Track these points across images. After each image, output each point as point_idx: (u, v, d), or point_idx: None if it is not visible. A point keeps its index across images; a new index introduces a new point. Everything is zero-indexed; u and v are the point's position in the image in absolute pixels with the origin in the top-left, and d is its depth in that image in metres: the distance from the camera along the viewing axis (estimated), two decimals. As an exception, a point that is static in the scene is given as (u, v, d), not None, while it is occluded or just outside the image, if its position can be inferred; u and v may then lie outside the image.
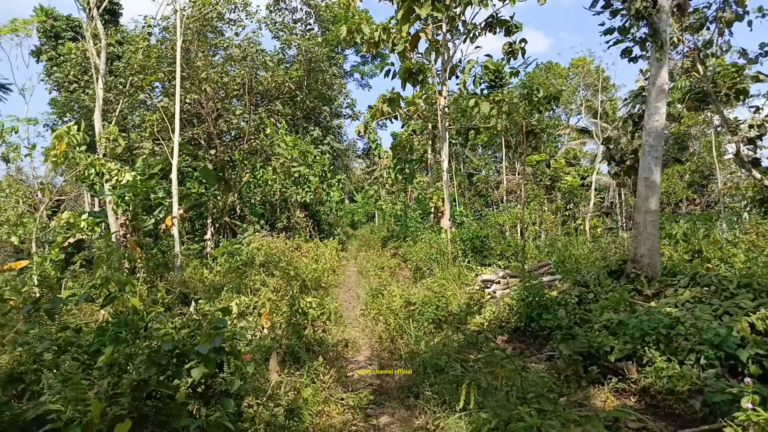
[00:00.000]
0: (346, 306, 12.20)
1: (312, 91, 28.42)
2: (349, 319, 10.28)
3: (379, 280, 12.52)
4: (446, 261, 13.70)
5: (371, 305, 9.69)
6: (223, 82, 17.25)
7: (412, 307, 8.14)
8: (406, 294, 9.22)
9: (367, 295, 11.50)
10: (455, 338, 6.52)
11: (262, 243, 12.92)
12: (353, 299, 12.98)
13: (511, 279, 10.19)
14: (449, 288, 10.89)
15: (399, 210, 31.50)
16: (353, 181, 52.42)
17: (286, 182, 19.81)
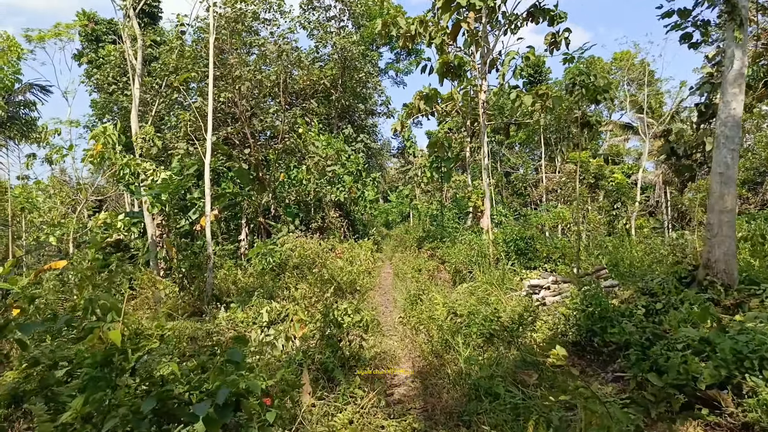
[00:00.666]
0: (383, 310, 11.61)
1: (347, 90, 27.97)
2: (387, 326, 9.69)
3: (416, 284, 11.87)
4: (488, 264, 12.96)
5: (410, 312, 9.04)
6: (257, 80, 16.91)
7: (459, 319, 7.42)
8: (449, 302, 8.53)
9: (405, 300, 10.87)
10: (510, 355, 5.81)
11: (295, 244, 12.45)
12: (389, 303, 12.38)
13: (563, 285, 9.39)
14: (493, 293, 10.17)
15: (434, 210, 30.77)
16: (387, 180, 51.89)
17: (321, 181, 19.38)
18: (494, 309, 7.53)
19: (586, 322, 6.27)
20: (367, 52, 28.67)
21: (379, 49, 35.20)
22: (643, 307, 6.53)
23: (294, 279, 11.08)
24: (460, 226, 20.96)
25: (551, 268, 12.48)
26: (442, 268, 14.16)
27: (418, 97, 16.23)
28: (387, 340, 8.07)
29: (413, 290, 11.48)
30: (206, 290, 11.55)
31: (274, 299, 9.36)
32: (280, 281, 10.58)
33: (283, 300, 10.45)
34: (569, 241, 13.31)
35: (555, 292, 9.20)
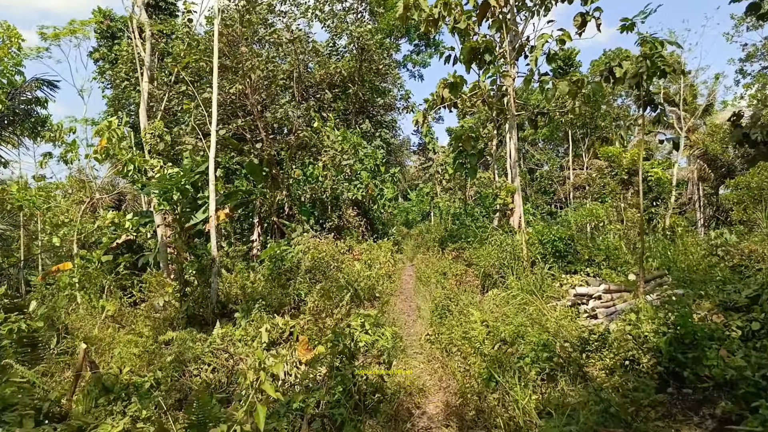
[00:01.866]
0: (405, 320, 10.36)
1: (365, 83, 26.75)
2: (410, 339, 8.45)
3: (443, 291, 10.61)
4: (522, 267, 11.64)
5: (438, 328, 7.76)
6: (269, 71, 15.78)
7: (505, 345, 6.07)
8: (488, 318, 7.21)
9: (431, 311, 9.63)
10: (582, 399, 4.49)
11: (308, 245, 11.28)
12: (412, 311, 11.13)
13: (617, 295, 8.04)
14: (533, 303, 8.87)
15: (457, 208, 29.37)
16: (407, 178, 50.60)
17: (338, 178, 18.20)
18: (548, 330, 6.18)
19: (667, 347, 4.95)
20: (385, 42, 27.38)
21: (398, 40, 33.93)
22: (738, 329, 5.19)
23: (306, 285, 9.91)
24: (488, 226, 19.59)
25: (594, 272, 11.10)
26: (469, 271, 12.85)
27: (443, 85, 14.94)
28: (411, 360, 6.83)
29: (439, 297, 10.23)
30: (210, 296, 10.46)
31: (281, 310, 8.20)
32: (291, 287, 9.42)
33: (292, 309, 9.29)
34: (614, 241, 11.90)
35: (608, 304, 7.85)
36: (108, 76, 28.76)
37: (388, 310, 10.43)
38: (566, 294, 10.00)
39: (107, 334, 10.85)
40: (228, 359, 5.95)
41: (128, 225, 18.77)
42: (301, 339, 5.69)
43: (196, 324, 10.28)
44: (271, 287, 9.59)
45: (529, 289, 10.06)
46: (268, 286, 9.70)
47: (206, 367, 6.00)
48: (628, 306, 7.21)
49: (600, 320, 7.47)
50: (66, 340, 11.03)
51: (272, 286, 9.64)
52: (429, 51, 36.58)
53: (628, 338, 5.34)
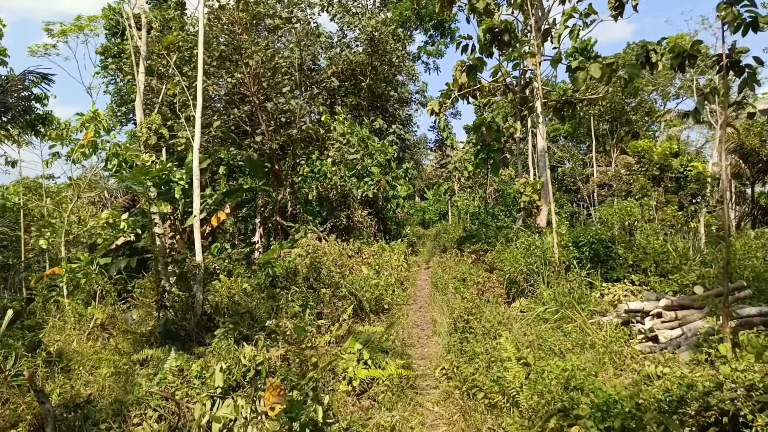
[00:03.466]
0: (418, 336, 8.84)
1: (377, 75, 25.26)
2: (423, 365, 6.95)
3: (462, 303, 9.08)
4: (554, 273, 10.07)
5: (458, 356, 6.18)
6: (269, 57, 14.36)
7: (550, 394, 4.43)
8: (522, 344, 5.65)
9: (448, 327, 8.12)
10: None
11: (307, 248, 9.83)
12: (427, 324, 9.60)
13: (682, 312, 6.43)
14: (575, 319, 7.32)
15: (476, 207, 27.76)
16: (424, 177, 49.02)
17: (346, 174, 16.75)
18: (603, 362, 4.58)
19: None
20: (398, 31, 25.83)
21: (411, 31, 32.39)
22: None
23: (302, 295, 8.47)
24: (512, 226, 18.02)
25: (640, 280, 9.46)
26: (491, 277, 11.28)
27: (460, 68, 13.37)
28: (422, 397, 5.32)
29: (458, 310, 8.71)
30: (195, 308, 9.06)
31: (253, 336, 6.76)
32: (282, 299, 7.99)
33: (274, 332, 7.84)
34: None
35: (671, 324, 6.25)
36: (111, 71, 27.77)
37: (397, 325, 8.93)
38: (609, 307, 8.41)
39: (87, 347, 9.55)
40: (177, 405, 4.55)
41: (123, 225, 17.57)
42: (270, 383, 4.24)
43: (177, 339, 8.92)
44: (260, 299, 8.17)
45: (564, 301, 8.49)
46: (257, 296, 8.27)
47: (152, 412, 4.60)
48: (702, 328, 5.62)
49: (664, 346, 5.88)
50: (32, 357, 9.81)
51: (260, 297, 8.21)
52: (444, 40, 34.94)
53: (731, 388, 3.76)
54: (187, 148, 16.80)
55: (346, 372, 4.88)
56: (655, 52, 12.70)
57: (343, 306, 8.64)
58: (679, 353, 5.48)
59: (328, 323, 8.70)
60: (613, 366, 5.91)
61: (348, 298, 8.70)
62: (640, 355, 5.97)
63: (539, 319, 7.88)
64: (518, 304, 10.27)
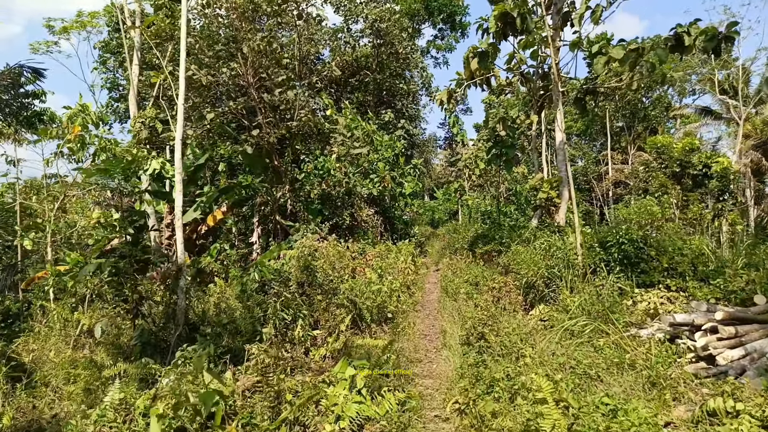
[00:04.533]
0: (426, 349, 7.81)
1: (384, 69, 24.20)
2: (431, 391, 5.92)
3: (475, 311, 8.04)
4: (578, 277, 9.01)
5: (472, 384, 5.10)
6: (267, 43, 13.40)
7: None
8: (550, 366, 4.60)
9: (460, 339, 7.09)
10: None
11: (303, 249, 8.84)
12: (436, 335, 8.57)
13: (743, 327, 5.35)
14: (610, 335, 6.27)
15: (488, 205, 26.65)
16: (433, 176, 47.91)
17: (350, 170, 15.74)
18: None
19: None
20: (404, 22, 24.71)
21: (420, 25, 31.29)
22: None
23: (294, 303, 7.47)
24: (527, 225, 16.91)
25: (676, 285, 8.36)
26: (506, 280, 10.21)
27: (472, 53, 12.31)
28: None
29: (471, 320, 7.68)
30: (177, 317, 8.09)
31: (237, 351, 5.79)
32: (270, 308, 6.99)
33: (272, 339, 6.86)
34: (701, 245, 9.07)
35: (731, 341, 5.17)
36: (111, 67, 27.02)
37: (402, 336, 7.90)
38: (644, 317, 7.34)
39: (66, 357, 8.64)
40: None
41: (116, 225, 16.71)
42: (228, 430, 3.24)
43: (157, 352, 7.98)
44: (244, 307, 7.18)
45: (592, 310, 7.42)
46: (242, 305, 7.28)
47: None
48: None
49: (724, 369, 4.81)
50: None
51: (245, 305, 7.22)
52: (454, 34, 33.74)
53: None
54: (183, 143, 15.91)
55: (334, 408, 3.88)
56: (688, 34, 11.58)
57: (341, 315, 7.64)
58: (747, 380, 4.42)
59: (324, 334, 7.71)
60: (659, 390, 4.87)
61: (346, 306, 7.70)
62: (694, 380, 4.92)
63: (563, 330, 6.82)
64: (537, 311, 9.22)
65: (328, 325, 7.73)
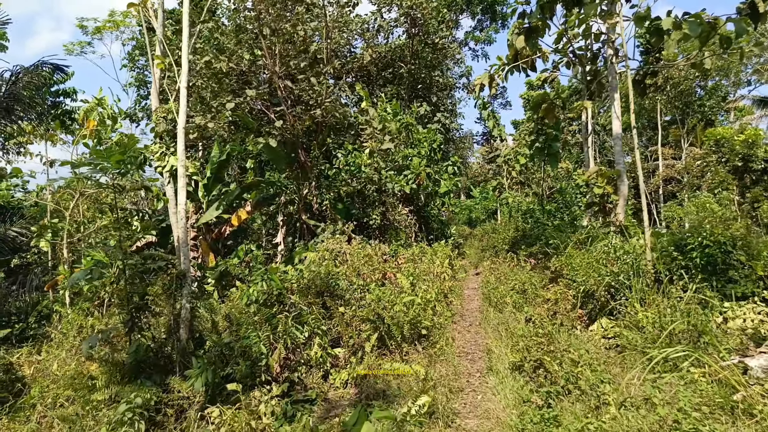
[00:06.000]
0: (468, 374, 6.50)
1: (419, 59, 22.87)
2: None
3: (527, 327, 6.71)
4: (648, 287, 7.56)
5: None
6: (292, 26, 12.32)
7: None
8: None
9: (510, 364, 5.78)
10: None
11: (324, 253, 7.65)
12: (479, 355, 7.24)
13: None
14: (706, 360, 4.86)
15: (530, 203, 25.01)
16: (470, 175, 46.26)
17: (382, 166, 14.52)
18: None
19: None
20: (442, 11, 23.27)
21: (458, 15, 29.77)
22: None
23: (311, 317, 6.30)
24: (577, 224, 15.40)
25: (776, 298, 6.81)
26: (567, 293, 8.77)
27: (517, 30, 10.89)
28: None
29: (522, 337, 6.36)
30: (180, 331, 7.04)
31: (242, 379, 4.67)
32: (280, 325, 5.83)
33: (282, 362, 5.73)
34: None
35: None
36: (139, 64, 26.64)
37: (440, 357, 6.61)
38: (745, 340, 5.85)
39: (69, 370, 7.69)
40: None
41: (136, 226, 16.00)
42: None
43: (156, 371, 6.95)
44: (250, 324, 6.03)
45: (673, 328, 5.98)
46: (248, 320, 6.14)
47: None
48: None
49: None
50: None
51: (251, 321, 6.08)
52: (494, 25, 32.07)
53: None
54: (204, 137, 15.03)
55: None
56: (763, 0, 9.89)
57: (366, 331, 6.43)
58: None
59: (347, 353, 6.52)
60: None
61: (372, 321, 6.47)
62: None
63: (637, 353, 5.43)
64: (599, 326, 7.81)
65: (352, 342, 6.54)
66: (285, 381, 5.45)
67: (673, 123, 33.98)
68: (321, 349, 6.05)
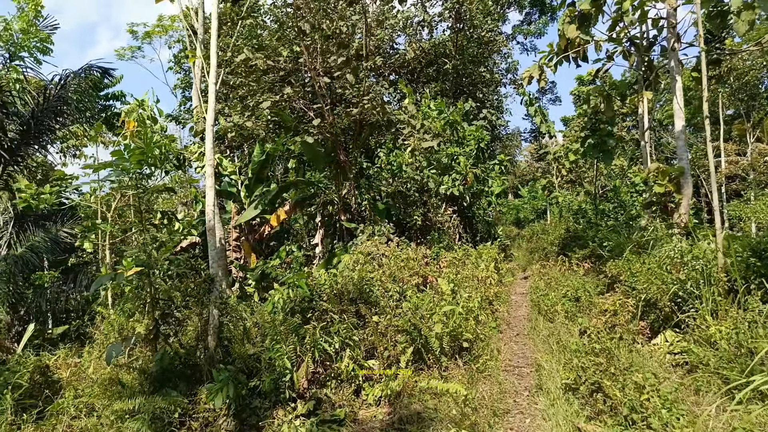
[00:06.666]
0: (515, 392, 5.86)
1: (464, 54, 22.13)
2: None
3: (581, 341, 6.01)
4: (718, 296, 6.71)
5: None
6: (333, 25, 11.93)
7: None
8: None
9: (562, 383, 5.13)
10: None
11: (358, 256, 7.18)
12: (529, 371, 6.58)
13: None
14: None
15: (581, 203, 23.83)
16: (517, 174, 44.91)
17: (424, 165, 13.97)
18: None
19: None
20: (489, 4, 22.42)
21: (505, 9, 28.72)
22: None
23: (344, 327, 5.83)
24: (634, 225, 14.38)
25: None
26: (626, 302, 7.95)
27: (569, 17, 10.09)
28: None
29: (576, 352, 5.69)
30: (208, 338, 6.71)
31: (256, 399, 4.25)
32: (308, 336, 5.38)
33: (310, 376, 5.29)
34: None
35: None
36: (185, 67, 26.98)
37: (483, 374, 6.01)
38: None
39: (105, 374, 7.50)
40: None
41: (178, 226, 16.04)
42: None
43: (183, 378, 6.65)
44: (275, 334, 5.59)
45: (762, 347, 5.16)
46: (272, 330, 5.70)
47: None
48: None
49: None
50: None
51: (276, 331, 5.64)
52: (543, 18, 30.80)
53: None
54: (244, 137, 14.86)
55: None
56: None
57: (402, 343, 5.90)
58: None
59: (381, 365, 6.01)
60: None
61: (409, 333, 5.94)
62: None
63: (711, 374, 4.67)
64: (663, 340, 7.01)
65: (387, 354, 6.03)
66: (311, 398, 5.00)
67: (736, 117, 31.79)
68: (353, 362, 5.57)
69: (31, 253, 13.48)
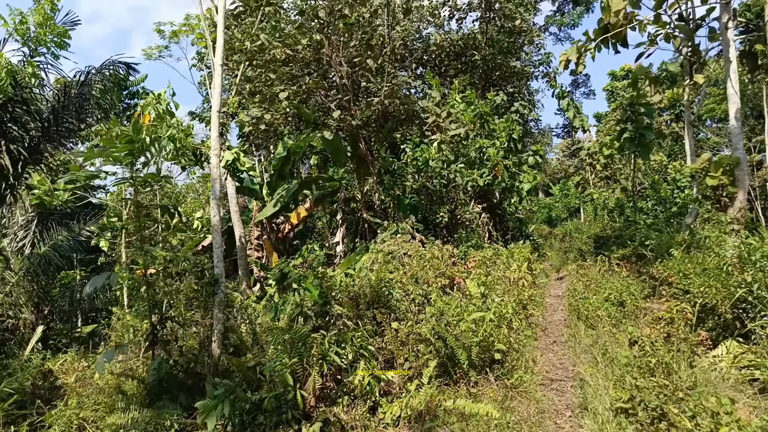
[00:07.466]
0: (555, 411, 5.07)
1: (494, 45, 21.18)
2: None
3: (632, 352, 5.19)
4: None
5: None
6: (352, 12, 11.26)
7: None
8: None
9: (612, 403, 4.33)
10: None
11: (377, 255, 6.48)
12: (569, 385, 5.76)
13: None
14: None
15: (617, 200, 22.60)
16: (548, 171, 43.51)
17: (451, 158, 13.18)
18: None
19: None
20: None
21: (537, 0, 27.61)
22: None
23: (359, 335, 5.15)
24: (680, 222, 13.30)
25: None
26: (685, 308, 7.03)
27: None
28: None
29: (627, 366, 4.87)
30: (212, 345, 6.10)
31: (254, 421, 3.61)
32: (316, 346, 4.71)
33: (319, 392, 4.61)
34: None
35: None
36: (208, 63, 26.70)
37: (518, 392, 5.24)
38: None
39: (109, 380, 6.97)
40: None
41: (197, 224, 15.64)
42: None
43: (184, 390, 6.06)
44: (279, 343, 4.95)
45: None
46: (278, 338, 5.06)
47: None
48: None
49: None
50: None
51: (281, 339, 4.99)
52: (578, 9, 29.45)
53: None
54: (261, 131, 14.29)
55: None
56: None
57: (424, 354, 5.17)
58: None
59: (402, 378, 5.30)
60: None
61: (432, 342, 5.21)
62: None
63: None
64: (725, 350, 6.12)
65: (408, 365, 5.32)
66: (318, 418, 4.32)
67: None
68: (368, 375, 4.87)
69: (55, 252, 13.24)
